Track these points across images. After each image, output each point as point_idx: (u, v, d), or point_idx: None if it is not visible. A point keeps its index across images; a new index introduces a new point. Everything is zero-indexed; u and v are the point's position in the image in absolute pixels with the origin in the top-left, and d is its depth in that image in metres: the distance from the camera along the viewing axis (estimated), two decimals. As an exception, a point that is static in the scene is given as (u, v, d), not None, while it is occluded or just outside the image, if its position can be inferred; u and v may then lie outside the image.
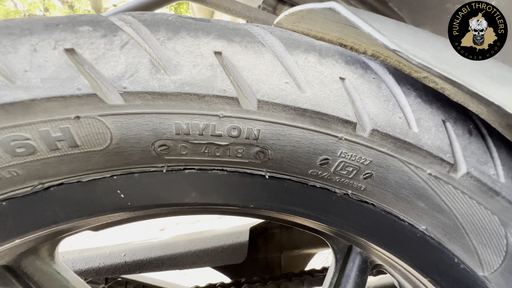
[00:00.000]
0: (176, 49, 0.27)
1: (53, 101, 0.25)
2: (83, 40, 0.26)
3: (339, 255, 0.49)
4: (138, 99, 0.26)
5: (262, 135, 0.30)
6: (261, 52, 0.29)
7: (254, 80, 0.28)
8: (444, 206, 0.34)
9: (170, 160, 0.31)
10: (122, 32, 0.27)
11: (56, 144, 0.26)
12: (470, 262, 0.38)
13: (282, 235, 0.97)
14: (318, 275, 0.89)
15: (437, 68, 0.25)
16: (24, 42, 0.25)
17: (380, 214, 0.37)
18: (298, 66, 0.30)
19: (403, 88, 0.32)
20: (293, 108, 0.29)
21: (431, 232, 0.38)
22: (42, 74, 0.24)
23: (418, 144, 0.31)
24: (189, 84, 0.27)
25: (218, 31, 0.29)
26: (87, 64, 0.26)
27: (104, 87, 0.26)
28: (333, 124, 0.30)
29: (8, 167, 0.26)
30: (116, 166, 0.30)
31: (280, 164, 0.33)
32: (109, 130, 0.27)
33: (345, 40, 0.44)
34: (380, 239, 0.39)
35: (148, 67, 0.26)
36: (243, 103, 0.28)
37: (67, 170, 0.29)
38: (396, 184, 0.34)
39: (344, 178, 0.34)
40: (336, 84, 0.30)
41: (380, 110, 0.30)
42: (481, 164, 0.32)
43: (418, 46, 0.28)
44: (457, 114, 0.33)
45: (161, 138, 0.29)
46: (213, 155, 0.31)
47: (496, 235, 0.35)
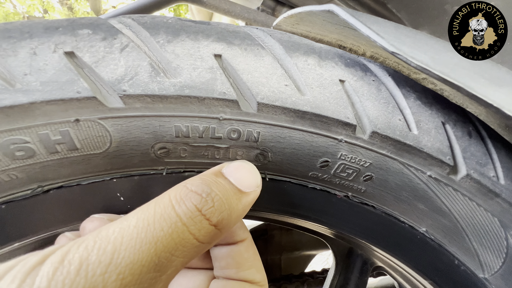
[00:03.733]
0: (176, 52, 0.27)
1: (53, 104, 0.25)
2: (83, 43, 0.26)
3: (339, 257, 0.49)
4: (138, 102, 0.26)
5: (262, 137, 0.30)
6: (261, 54, 0.29)
7: (254, 83, 0.28)
8: (444, 208, 0.34)
9: (170, 163, 0.31)
10: (122, 35, 0.27)
11: (55, 147, 0.26)
12: (471, 264, 0.38)
13: (282, 236, 0.97)
14: (318, 277, 0.89)
15: (436, 70, 0.26)
16: (23, 45, 0.25)
17: (380, 216, 0.37)
18: (298, 69, 0.30)
19: (403, 90, 0.32)
20: (293, 111, 0.29)
21: (431, 234, 0.38)
22: (42, 77, 0.24)
23: (418, 146, 0.31)
24: (189, 87, 0.27)
25: (217, 34, 0.29)
26: (86, 67, 0.26)
27: (103, 90, 0.26)
28: (333, 127, 0.30)
29: (8, 170, 0.26)
30: (116, 169, 0.30)
31: (280, 166, 0.33)
32: (108, 133, 0.27)
33: (344, 42, 0.44)
34: (380, 241, 0.39)
35: (148, 70, 0.26)
36: (243, 106, 0.28)
37: (66, 173, 0.29)
38: (396, 186, 0.34)
39: (344, 180, 0.34)
40: (336, 86, 0.30)
41: (379, 112, 0.30)
42: (481, 166, 0.32)
43: (416, 48, 0.28)
44: (456, 116, 0.34)
45: (161, 141, 0.29)
46: (213, 158, 0.31)
47: (496, 237, 0.35)
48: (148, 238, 0.19)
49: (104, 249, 0.17)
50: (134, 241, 0.18)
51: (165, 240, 0.19)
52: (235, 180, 0.25)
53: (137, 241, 0.18)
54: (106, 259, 0.17)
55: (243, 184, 0.25)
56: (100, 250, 0.17)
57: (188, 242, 0.20)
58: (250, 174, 0.27)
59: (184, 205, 0.21)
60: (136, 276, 0.18)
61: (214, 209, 0.22)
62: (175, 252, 0.20)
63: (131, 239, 0.18)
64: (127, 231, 0.19)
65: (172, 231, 0.20)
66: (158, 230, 0.19)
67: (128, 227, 0.19)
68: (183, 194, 0.21)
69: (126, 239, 0.18)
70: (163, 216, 0.20)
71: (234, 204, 0.24)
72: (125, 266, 0.17)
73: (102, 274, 0.16)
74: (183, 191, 0.22)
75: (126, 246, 0.18)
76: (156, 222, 0.19)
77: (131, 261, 0.18)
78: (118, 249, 0.18)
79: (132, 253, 0.18)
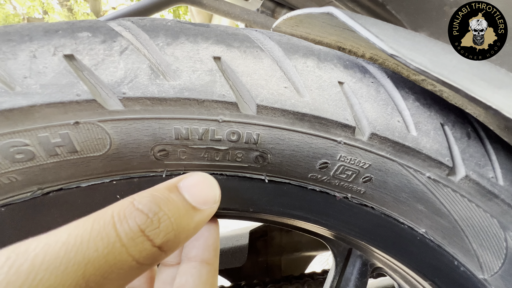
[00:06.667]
0: (175, 55, 0.27)
1: (52, 107, 0.25)
2: (83, 46, 0.26)
3: (339, 258, 0.49)
4: (137, 104, 0.26)
5: (261, 139, 0.30)
6: (260, 57, 0.30)
7: (253, 85, 0.28)
8: (443, 209, 0.34)
9: (169, 165, 0.31)
10: (122, 37, 0.27)
11: (55, 149, 0.26)
12: (470, 265, 0.38)
13: (282, 237, 0.97)
14: (318, 278, 0.89)
15: (435, 72, 0.26)
16: (23, 48, 0.25)
17: (379, 217, 0.37)
18: (297, 71, 0.30)
19: (402, 91, 0.32)
20: (292, 113, 0.29)
21: (430, 235, 0.38)
22: (42, 80, 0.24)
23: (417, 147, 0.31)
24: (188, 90, 0.27)
25: (217, 36, 0.29)
26: (86, 70, 0.26)
27: (103, 92, 0.26)
28: (332, 128, 0.30)
29: (7, 173, 0.26)
30: (116, 171, 0.30)
31: (280, 168, 0.33)
32: (108, 135, 0.27)
33: (343, 44, 0.44)
34: (379, 242, 0.39)
35: (147, 73, 0.26)
36: (242, 108, 0.29)
37: (66, 176, 0.29)
38: (395, 188, 0.34)
39: (343, 182, 0.34)
40: (335, 88, 0.30)
41: (378, 114, 0.31)
42: (479, 167, 0.32)
43: (415, 51, 0.28)
44: (455, 117, 0.34)
45: (160, 143, 0.29)
46: (213, 160, 0.32)
47: (495, 238, 0.35)
48: (77, 258, 0.16)
49: (17, 267, 0.15)
50: (59, 261, 0.16)
51: (98, 262, 0.17)
52: (191, 196, 0.23)
53: (62, 261, 0.16)
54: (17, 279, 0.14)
55: (198, 200, 0.23)
56: (12, 268, 0.15)
57: (126, 264, 0.18)
58: (208, 189, 0.25)
59: (126, 224, 0.19)
60: None
61: (159, 230, 0.20)
62: (108, 275, 0.17)
63: (56, 258, 0.16)
64: (53, 248, 0.16)
65: (108, 252, 0.17)
66: (91, 250, 0.17)
67: (55, 243, 0.16)
68: (128, 212, 0.19)
69: (49, 257, 0.16)
70: (101, 235, 0.18)
71: (184, 223, 0.22)
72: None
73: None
74: (128, 209, 0.20)
75: (48, 266, 0.15)
76: (91, 240, 0.17)
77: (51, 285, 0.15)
78: (36, 268, 0.15)
79: (54, 275, 0.15)
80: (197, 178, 0.25)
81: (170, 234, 0.21)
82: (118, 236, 0.18)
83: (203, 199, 0.24)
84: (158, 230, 0.20)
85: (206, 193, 0.24)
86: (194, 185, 0.24)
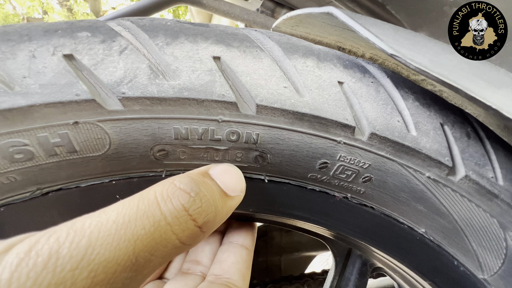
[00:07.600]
0: (174, 54, 0.27)
1: (52, 107, 0.25)
2: (82, 46, 0.26)
3: (339, 258, 0.49)
4: (137, 104, 0.26)
5: (261, 139, 0.30)
6: (260, 56, 0.29)
7: (252, 85, 0.28)
8: (443, 209, 0.34)
9: (169, 165, 0.31)
10: (121, 37, 0.27)
11: (54, 149, 0.26)
12: (470, 265, 0.38)
13: (282, 238, 0.97)
14: (318, 278, 0.89)
15: (435, 72, 0.26)
16: (22, 48, 0.25)
17: (379, 217, 0.37)
18: (297, 71, 0.30)
19: (401, 91, 0.32)
20: (291, 113, 0.29)
21: (430, 235, 0.38)
22: (41, 80, 0.24)
23: (416, 147, 0.31)
24: (188, 89, 0.27)
25: (216, 36, 0.29)
26: (85, 70, 0.26)
27: (102, 92, 0.26)
28: (332, 128, 0.30)
29: (6, 173, 0.26)
30: (115, 171, 0.30)
31: (279, 168, 0.33)
32: (107, 135, 0.27)
33: (343, 44, 0.44)
34: (379, 242, 0.39)
35: (147, 73, 0.26)
36: (242, 108, 0.28)
37: (65, 176, 0.29)
38: (395, 187, 0.34)
39: (343, 182, 0.34)
40: (335, 88, 0.30)
41: (378, 114, 0.31)
42: (479, 167, 0.32)
43: (415, 51, 0.28)
44: (455, 117, 0.34)
45: (160, 143, 0.29)
46: (212, 160, 0.32)
47: (495, 237, 0.35)
48: (127, 235, 0.17)
49: (77, 242, 0.16)
50: (111, 237, 0.17)
51: (146, 239, 0.18)
52: (222, 182, 0.25)
53: (114, 238, 0.17)
54: (78, 254, 0.16)
55: (229, 188, 0.25)
56: (72, 243, 0.16)
57: (170, 243, 0.19)
58: (236, 178, 0.26)
59: (170, 203, 0.20)
60: (109, 275, 0.16)
61: (201, 209, 0.21)
62: (154, 252, 0.18)
63: (109, 234, 0.17)
64: (105, 225, 0.17)
65: (155, 230, 0.18)
66: (139, 228, 0.18)
67: (106, 221, 0.18)
68: (171, 192, 0.20)
69: (103, 234, 0.17)
70: (146, 214, 0.19)
71: (219, 206, 0.23)
72: (99, 264, 0.16)
73: (72, 270, 0.15)
74: (171, 188, 0.21)
75: (102, 242, 0.17)
76: (138, 219, 0.18)
77: (106, 259, 0.16)
78: (92, 244, 0.16)
79: (108, 250, 0.16)
80: (226, 167, 0.27)
81: (210, 215, 0.22)
82: (163, 214, 0.19)
83: (233, 187, 0.25)
84: (201, 210, 0.21)
85: (235, 181, 0.26)
86: (224, 173, 0.26)
